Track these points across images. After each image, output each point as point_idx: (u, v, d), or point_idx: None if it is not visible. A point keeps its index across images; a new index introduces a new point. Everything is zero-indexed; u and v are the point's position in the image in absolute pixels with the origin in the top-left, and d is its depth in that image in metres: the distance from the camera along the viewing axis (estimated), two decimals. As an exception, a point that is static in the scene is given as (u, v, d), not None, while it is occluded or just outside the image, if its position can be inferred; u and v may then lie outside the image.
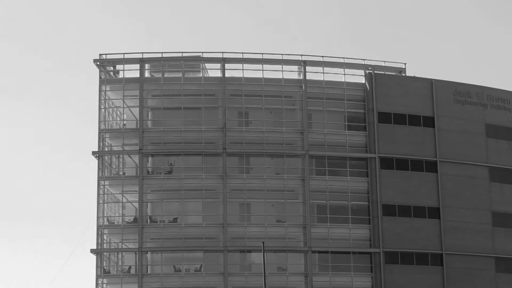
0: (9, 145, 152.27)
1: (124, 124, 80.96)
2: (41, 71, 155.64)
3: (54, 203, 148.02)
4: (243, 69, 79.08)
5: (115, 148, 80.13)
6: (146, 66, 79.62)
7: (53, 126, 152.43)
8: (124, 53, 79.00)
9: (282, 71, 79.60)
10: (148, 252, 76.97)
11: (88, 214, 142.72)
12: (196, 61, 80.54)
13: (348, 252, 77.34)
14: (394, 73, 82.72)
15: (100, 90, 77.93)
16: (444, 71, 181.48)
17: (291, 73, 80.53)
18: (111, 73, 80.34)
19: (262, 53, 79.45)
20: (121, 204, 79.26)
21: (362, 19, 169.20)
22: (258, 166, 78.66)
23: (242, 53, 78.94)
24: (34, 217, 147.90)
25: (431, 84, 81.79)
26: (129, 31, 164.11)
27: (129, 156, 79.64)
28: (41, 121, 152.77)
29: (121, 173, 79.91)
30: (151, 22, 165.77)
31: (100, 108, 77.61)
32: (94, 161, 77.15)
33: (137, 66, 78.69)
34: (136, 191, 76.57)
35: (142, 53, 78.52)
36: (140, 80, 78.07)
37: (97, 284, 75.08)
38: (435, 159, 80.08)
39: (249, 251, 76.97)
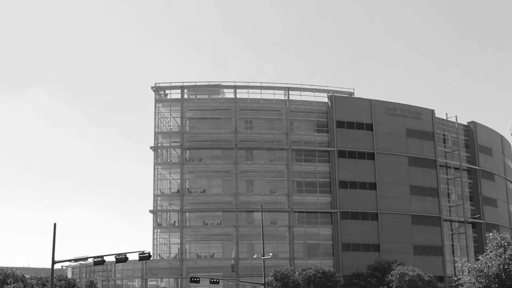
0: (97, 144, 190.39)
1: (170, 129, 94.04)
2: (118, 97, 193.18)
3: (125, 182, 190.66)
4: (248, 92, 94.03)
5: (165, 144, 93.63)
6: (185, 90, 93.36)
7: (124, 131, 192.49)
8: (170, 82, 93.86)
9: (274, 94, 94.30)
10: (187, 212, 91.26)
11: (147, 187, 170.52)
12: (217, 87, 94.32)
13: (317, 212, 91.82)
14: (346, 95, 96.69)
15: (155, 106, 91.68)
16: (379, 93, 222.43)
17: (279, 95, 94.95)
18: (162, 95, 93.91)
19: (261, 82, 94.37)
20: (168, 180, 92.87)
21: (325, 60, 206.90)
22: (258, 156, 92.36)
23: (248, 82, 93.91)
24: (113, 191, 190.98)
25: (370, 103, 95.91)
26: (174, 67, 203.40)
27: (174, 150, 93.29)
28: (117, 128, 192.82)
29: (169, 160, 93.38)
30: (188, 61, 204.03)
31: (155, 118, 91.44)
32: (151, 153, 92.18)
33: (179, 90, 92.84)
34: (179, 172, 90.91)
35: (182, 82, 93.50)
36: (181, 100, 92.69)
37: (153, 233, 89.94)
38: (373, 151, 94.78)
39: (252, 211, 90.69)
